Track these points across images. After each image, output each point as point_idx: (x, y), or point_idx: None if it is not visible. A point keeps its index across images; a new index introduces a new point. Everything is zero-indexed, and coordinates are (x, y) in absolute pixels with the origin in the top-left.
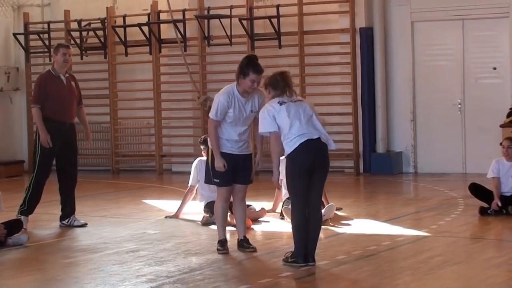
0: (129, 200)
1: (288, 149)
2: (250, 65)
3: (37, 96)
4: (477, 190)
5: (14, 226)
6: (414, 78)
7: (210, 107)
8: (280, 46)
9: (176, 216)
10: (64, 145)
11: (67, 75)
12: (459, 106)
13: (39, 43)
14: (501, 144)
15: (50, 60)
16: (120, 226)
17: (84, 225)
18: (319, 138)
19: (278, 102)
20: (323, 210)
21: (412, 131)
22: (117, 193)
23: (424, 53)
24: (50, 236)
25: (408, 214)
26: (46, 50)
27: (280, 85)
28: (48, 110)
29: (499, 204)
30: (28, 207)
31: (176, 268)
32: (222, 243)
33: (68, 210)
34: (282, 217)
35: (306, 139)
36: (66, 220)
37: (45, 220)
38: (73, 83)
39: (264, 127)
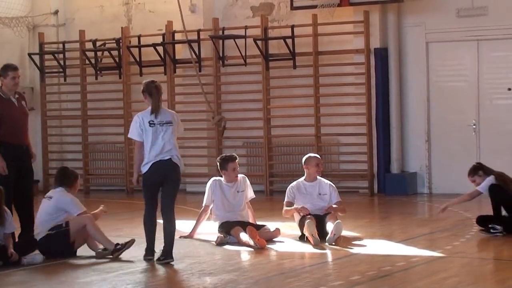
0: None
1: (143, 169)
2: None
3: None
4: (485, 221)
5: (28, 245)
6: (429, 98)
7: (225, 127)
8: (294, 67)
9: (190, 236)
10: (20, 169)
11: (16, 96)
12: (474, 127)
13: (54, 63)
14: None
15: (65, 80)
16: (134, 246)
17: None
18: (170, 158)
19: (149, 122)
20: (332, 228)
21: (427, 152)
22: (131, 213)
23: (439, 74)
24: (63, 257)
25: (422, 235)
26: (61, 70)
27: (155, 98)
28: (3, 134)
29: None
30: None
31: None
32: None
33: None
34: (302, 237)
35: (158, 160)
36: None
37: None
38: (23, 102)
39: (132, 133)
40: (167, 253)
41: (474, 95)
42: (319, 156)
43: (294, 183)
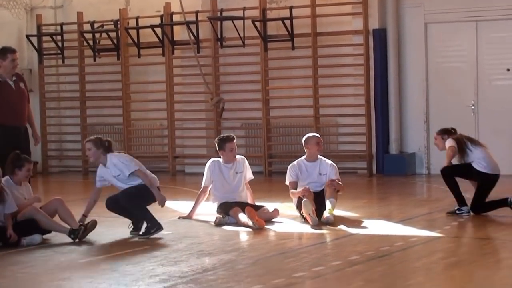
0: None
1: None
2: None
3: None
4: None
5: (28, 226)
6: (428, 79)
7: (223, 108)
8: (293, 48)
9: (189, 217)
10: (16, 150)
11: (14, 78)
12: (473, 107)
13: (52, 44)
14: None
15: (63, 62)
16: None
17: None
18: None
19: None
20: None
21: (425, 132)
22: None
23: (438, 55)
24: (63, 237)
25: (421, 215)
26: (59, 51)
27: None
28: (0, 116)
29: None
30: None
31: (190, 269)
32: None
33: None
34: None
35: None
36: None
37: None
38: (21, 83)
39: None
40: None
41: (473, 76)
42: (318, 135)
43: (295, 162)
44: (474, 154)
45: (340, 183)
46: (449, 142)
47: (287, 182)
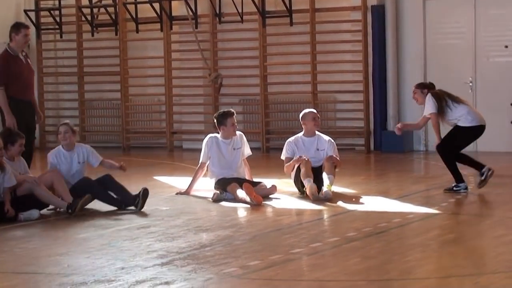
0: (139, 176)
1: None
2: None
3: (1, 77)
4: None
5: (26, 201)
6: (426, 56)
7: (221, 84)
8: (291, 24)
9: (187, 192)
10: (26, 125)
11: (24, 53)
12: (471, 84)
13: (50, 19)
14: None
15: (61, 37)
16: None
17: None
18: None
19: None
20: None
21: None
22: (128, 170)
23: (436, 31)
24: (61, 212)
25: (418, 192)
26: (57, 27)
27: None
28: (13, 90)
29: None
30: None
31: (187, 244)
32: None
33: None
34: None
35: None
36: None
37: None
38: (28, 60)
39: None
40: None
41: (471, 52)
42: (315, 111)
43: (293, 137)
44: (456, 113)
45: (338, 159)
46: (429, 101)
47: (282, 157)
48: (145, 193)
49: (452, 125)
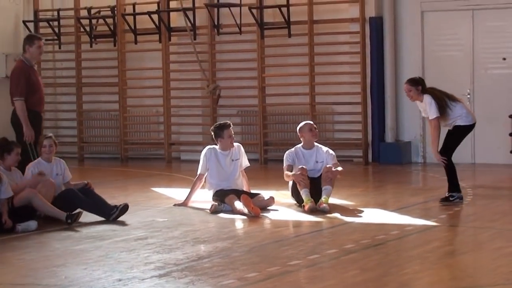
0: (137, 188)
1: None
2: None
3: (22, 88)
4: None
5: (23, 212)
6: (424, 67)
7: (219, 96)
8: (289, 35)
9: (184, 204)
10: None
11: (36, 65)
12: (469, 96)
13: (49, 30)
14: (510, 134)
15: (59, 48)
16: (128, 213)
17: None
18: None
19: None
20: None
21: (421, 121)
22: (126, 181)
23: (434, 43)
24: (58, 223)
25: (416, 204)
26: (55, 37)
27: None
28: (31, 102)
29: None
30: None
31: (185, 256)
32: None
33: None
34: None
35: None
36: None
37: None
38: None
39: None
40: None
41: (469, 64)
42: (311, 122)
43: (292, 149)
44: (455, 112)
45: (337, 168)
46: (432, 104)
47: (285, 166)
48: (124, 208)
49: (450, 126)
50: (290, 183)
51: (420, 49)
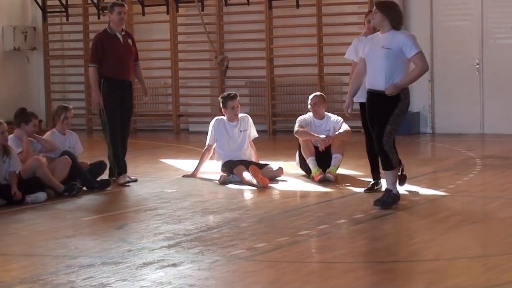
0: (146, 159)
1: None
2: None
3: (93, 55)
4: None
5: (33, 184)
6: (432, 38)
7: (227, 67)
8: (297, 6)
9: (193, 175)
10: (121, 104)
11: (123, 33)
12: (477, 66)
13: (56, 2)
14: None
15: (67, 19)
16: (138, 185)
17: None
18: None
19: None
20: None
21: (430, 92)
22: (135, 152)
23: (443, 13)
24: (65, 195)
25: (425, 174)
26: (63, 9)
27: None
28: (106, 68)
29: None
30: (118, 167)
31: (194, 226)
32: None
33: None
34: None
35: None
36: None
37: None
38: (129, 40)
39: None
40: None
41: (478, 34)
42: (318, 94)
43: (306, 115)
44: None
45: (339, 132)
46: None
47: (296, 129)
48: (106, 182)
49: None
50: (297, 154)
51: (429, 19)
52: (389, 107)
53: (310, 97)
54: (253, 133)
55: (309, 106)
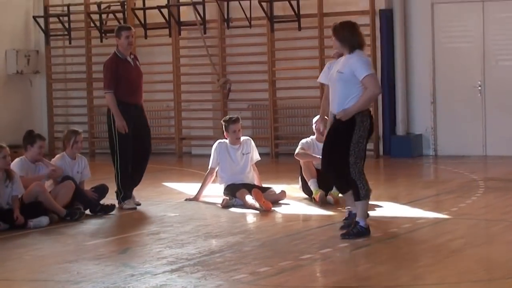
0: (149, 183)
1: None
2: None
3: (109, 81)
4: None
5: (35, 208)
6: (434, 60)
7: (230, 90)
8: (299, 28)
9: (196, 198)
10: (137, 128)
11: (132, 56)
12: (479, 88)
13: (59, 26)
14: None
15: (70, 43)
16: (140, 208)
17: (132, 209)
18: None
19: None
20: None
21: (432, 113)
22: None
23: (444, 35)
24: (69, 220)
25: (428, 197)
26: (66, 33)
27: None
28: (120, 93)
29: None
30: (125, 193)
31: (197, 251)
32: None
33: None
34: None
35: None
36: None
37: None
38: (137, 62)
39: None
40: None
41: (480, 56)
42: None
43: (309, 138)
44: None
45: None
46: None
47: (297, 151)
48: (110, 207)
49: None
50: (300, 179)
51: (431, 41)
52: (346, 132)
53: (314, 120)
54: (256, 156)
55: (314, 129)
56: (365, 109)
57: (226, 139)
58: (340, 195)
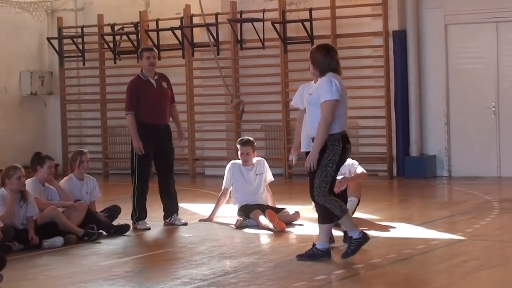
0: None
1: None
2: None
3: (129, 103)
4: None
5: (49, 229)
6: (448, 81)
7: (243, 111)
8: None
9: (210, 219)
10: (160, 148)
11: (156, 77)
12: (493, 109)
13: (73, 47)
14: None
15: (83, 64)
16: (154, 229)
17: (185, 224)
18: None
19: None
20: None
21: (446, 134)
22: (150, 197)
23: (458, 56)
24: (84, 240)
25: (442, 218)
26: (79, 54)
27: None
28: (141, 114)
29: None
30: (139, 213)
31: (211, 271)
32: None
33: (169, 208)
34: None
35: None
36: (169, 219)
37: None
38: (164, 83)
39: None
40: None
41: (494, 77)
42: None
43: None
44: None
45: (355, 174)
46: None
47: None
48: (124, 227)
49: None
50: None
51: (444, 62)
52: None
53: None
54: (269, 176)
55: None
56: (336, 133)
57: (240, 159)
58: (354, 215)
